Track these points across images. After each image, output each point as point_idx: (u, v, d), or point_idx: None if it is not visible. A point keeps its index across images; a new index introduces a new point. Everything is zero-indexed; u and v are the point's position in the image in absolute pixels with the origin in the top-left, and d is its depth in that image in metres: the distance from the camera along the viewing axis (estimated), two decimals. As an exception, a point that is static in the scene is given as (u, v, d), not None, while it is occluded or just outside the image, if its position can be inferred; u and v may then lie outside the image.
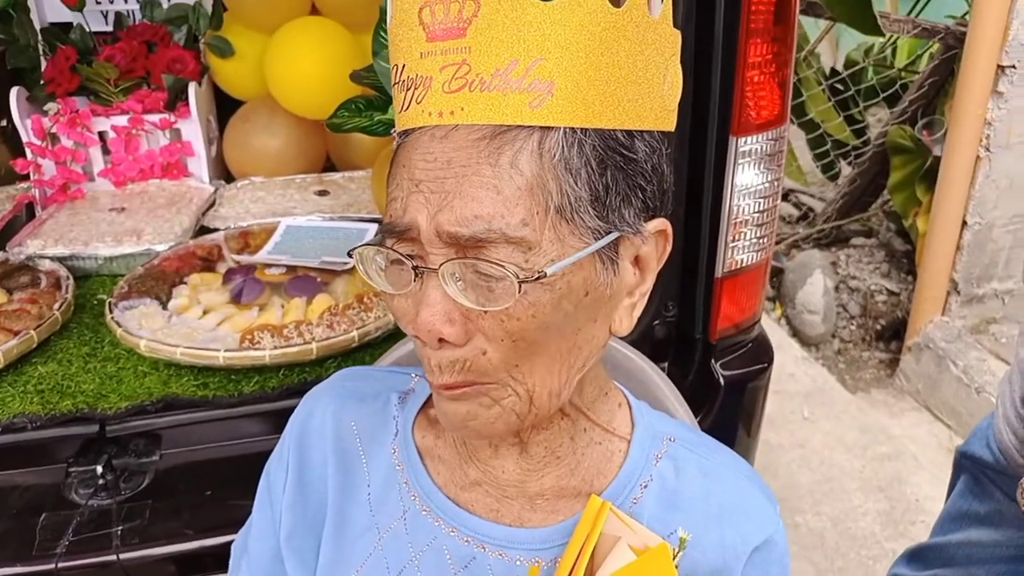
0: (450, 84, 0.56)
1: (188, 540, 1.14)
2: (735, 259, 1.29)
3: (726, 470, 0.74)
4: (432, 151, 0.57)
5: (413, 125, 0.59)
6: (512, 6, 0.55)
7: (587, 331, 0.63)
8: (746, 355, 1.40)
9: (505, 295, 0.56)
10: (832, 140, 3.67)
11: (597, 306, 0.62)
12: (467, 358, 0.60)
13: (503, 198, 0.55)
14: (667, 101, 0.62)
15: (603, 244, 0.59)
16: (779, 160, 1.26)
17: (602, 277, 0.61)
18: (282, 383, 1.29)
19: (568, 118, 0.56)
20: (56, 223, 1.74)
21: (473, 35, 0.56)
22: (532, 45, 0.55)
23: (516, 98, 0.55)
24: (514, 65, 0.55)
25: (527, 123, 0.56)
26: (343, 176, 2.04)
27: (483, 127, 0.56)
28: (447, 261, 0.57)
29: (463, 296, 0.57)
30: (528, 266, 0.56)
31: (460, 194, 0.56)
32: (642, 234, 0.62)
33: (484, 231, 0.55)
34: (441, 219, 0.56)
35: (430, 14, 0.57)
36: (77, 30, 1.97)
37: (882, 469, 2.49)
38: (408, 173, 0.59)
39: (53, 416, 1.22)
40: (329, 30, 1.87)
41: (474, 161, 0.56)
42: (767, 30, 1.16)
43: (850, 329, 3.27)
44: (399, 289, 0.61)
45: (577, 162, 0.57)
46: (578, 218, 0.57)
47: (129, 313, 1.39)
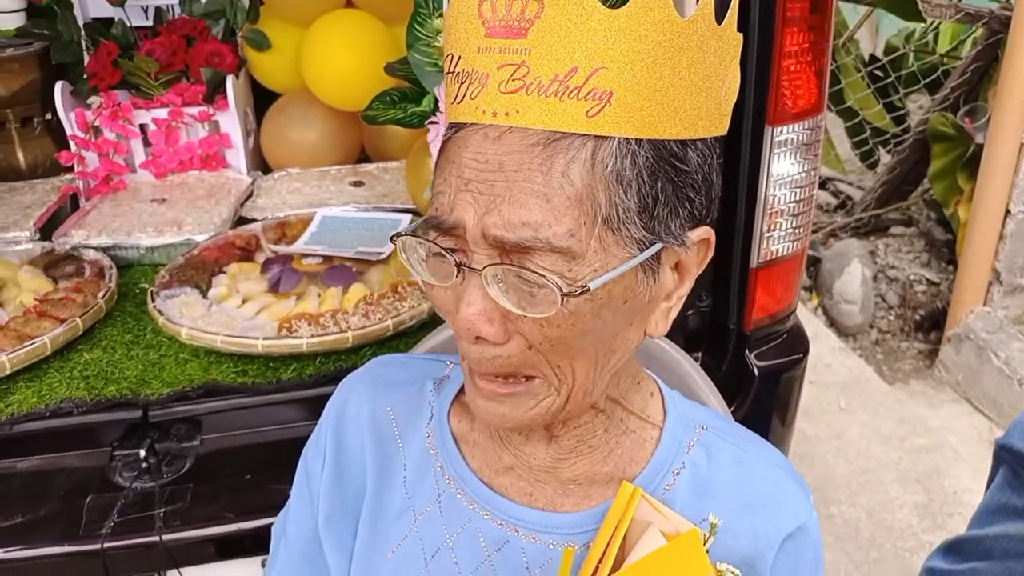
0: (507, 84, 0.56)
1: (228, 522, 1.17)
2: (770, 249, 1.28)
3: (759, 458, 0.74)
4: (484, 151, 0.57)
5: (466, 120, 0.59)
6: (578, 10, 0.54)
7: (623, 335, 0.63)
8: (781, 346, 1.39)
9: (547, 303, 0.57)
10: (871, 128, 3.61)
11: (634, 312, 0.62)
12: (507, 355, 0.61)
13: (552, 207, 0.55)
14: (723, 106, 0.62)
15: (647, 256, 0.59)
16: (816, 150, 1.25)
17: (642, 285, 0.61)
18: (319, 370, 1.31)
19: (624, 128, 0.56)
20: (99, 214, 1.78)
21: (535, 37, 0.55)
22: (594, 53, 0.54)
23: (573, 106, 0.55)
24: (574, 72, 0.54)
25: (582, 131, 0.55)
26: (377, 167, 2.05)
27: (537, 132, 0.55)
28: (491, 264, 0.57)
29: (504, 298, 0.58)
30: (571, 275, 0.56)
31: (509, 199, 0.56)
32: (685, 244, 0.61)
33: (530, 238, 0.55)
34: (488, 221, 0.56)
35: (491, 8, 0.56)
36: (118, 25, 2.01)
37: (920, 461, 2.46)
38: (458, 170, 0.58)
39: (98, 401, 1.26)
40: (364, 22, 1.88)
41: (526, 167, 0.55)
42: (804, 19, 1.15)
43: (888, 319, 3.22)
44: (441, 281, 0.62)
45: (629, 174, 0.56)
46: (624, 229, 0.57)
47: (170, 302, 1.42)
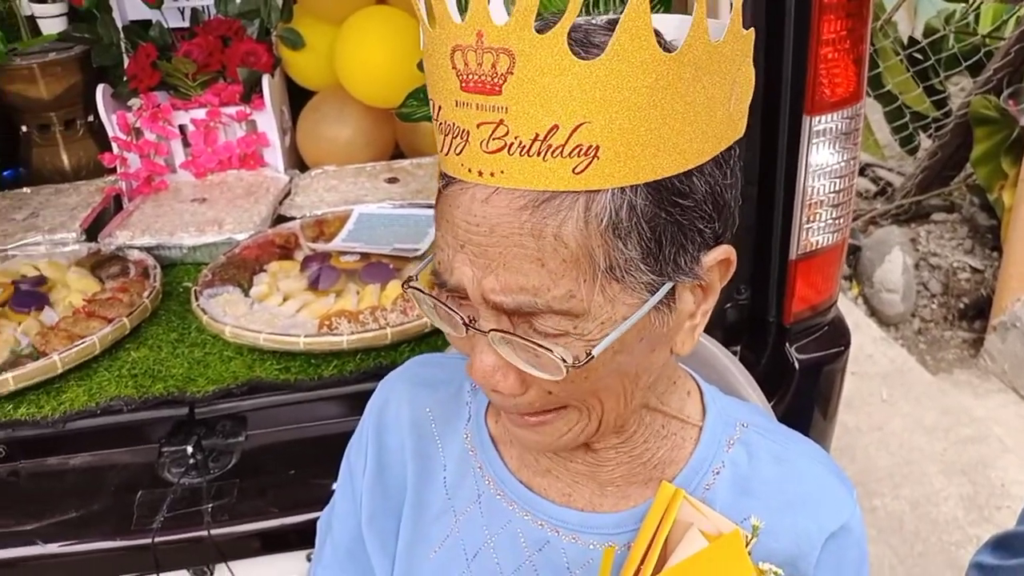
0: (488, 144, 0.53)
1: (274, 517, 1.19)
2: (810, 241, 1.27)
3: (800, 456, 0.74)
4: (475, 213, 0.55)
5: (454, 175, 0.56)
6: (551, 66, 0.50)
7: (645, 363, 0.62)
8: (822, 338, 1.37)
9: (553, 368, 0.56)
10: (911, 112, 3.54)
11: (654, 342, 0.61)
12: (529, 401, 0.61)
13: (547, 271, 0.54)
14: (734, 115, 0.58)
15: (656, 300, 0.57)
16: (855, 139, 1.23)
17: (656, 322, 0.59)
18: (359, 367, 1.33)
19: (616, 179, 0.53)
20: (142, 214, 1.82)
21: (509, 94, 0.51)
22: (575, 109, 0.51)
23: (559, 164, 0.52)
24: (555, 131, 0.51)
25: (571, 189, 0.52)
26: (411, 163, 2.07)
27: (525, 193, 0.53)
28: (495, 330, 0.57)
29: (514, 357, 0.57)
30: (577, 331, 0.56)
31: (504, 265, 0.54)
32: (699, 273, 0.59)
33: (530, 303, 0.55)
34: (486, 286, 0.55)
35: (463, 60, 0.52)
36: (156, 27, 2.04)
37: (965, 452, 2.42)
38: (452, 231, 0.57)
39: (146, 399, 1.29)
40: (396, 19, 1.89)
41: (517, 232, 0.53)
42: (841, 5, 1.13)
43: (931, 308, 3.16)
44: (452, 330, 0.61)
45: (627, 224, 0.54)
46: (629, 277, 0.55)
47: (213, 300, 1.45)
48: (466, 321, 0.58)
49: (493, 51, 0.51)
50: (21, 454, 1.28)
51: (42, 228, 1.77)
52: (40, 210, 1.87)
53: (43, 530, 1.17)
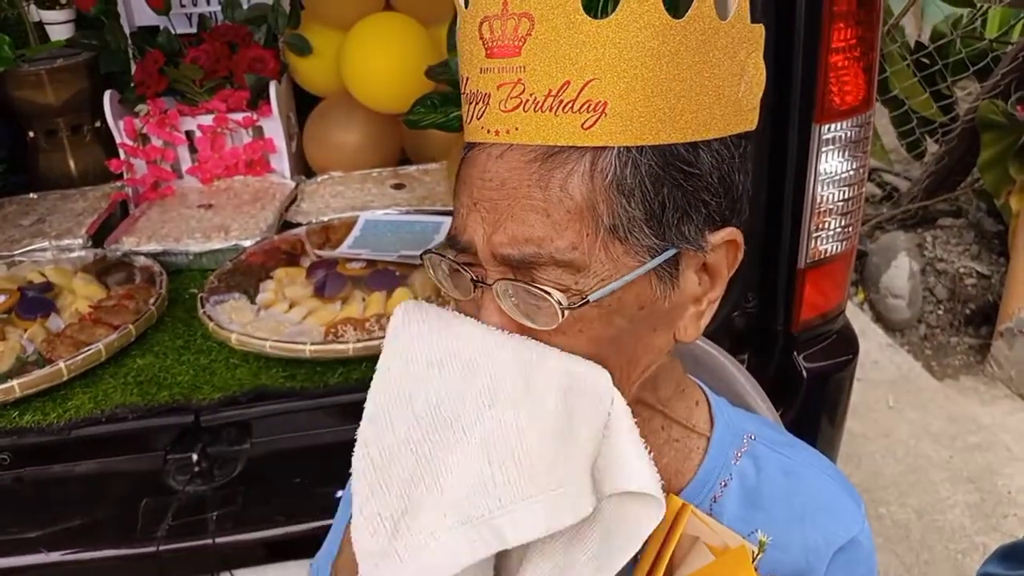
0: (506, 103, 0.56)
1: (280, 525, 1.19)
2: (818, 249, 1.26)
3: (809, 469, 0.73)
4: (488, 170, 0.58)
5: (474, 139, 0.60)
6: (566, 24, 0.54)
7: (646, 341, 0.62)
8: (830, 347, 1.37)
9: (550, 316, 0.57)
10: (917, 117, 3.52)
11: (655, 318, 0.61)
12: None
13: (552, 222, 0.55)
14: (743, 102, 0.60)
15: (657, 263, 0.58)
16: (864, 147, 1.23)
17: (658, 291, 0.60)
18: (365, 375, 1.32)
19: (622, 137, 0.55)
20: (148, 220, 1.82)
21: (527, 54, 0.55)
22: (585, 65, 0.54)
23: (568, 119, 0.55)
24: (567, 86, 0.54)
25: (579, 144, 0.55)
26: (418, 169, 2.07)
27: (535, 148, 0.56)
28: (500, 279, 0.58)
29: (516, 311, 0.59)
30: (578, 287, 0.57)
31: (512, 216, 0.56)
32: (705, 248, 0.60)
33: (534, 254, 0.56)
34: (495, 240, 0.57)
35: (488, 29, 0.57)
36: (164, 33, 2.05)
37: (972, 460, 2.40)
38: (468, 190, 0.60)
39: (152, 407, 1.28)
40: (403, 25, 1.89)
41: (525, 184, 0.56)
42: (851, 13, 1.13)
43: (937, 314, 3.15)
44: (463, 295, 0.63)
45: (631, 182, 0.56)
46: (632, 237, 0.57)
47: (220, 307, 1.44)
48: (474, 278, 0.60)
49: (516, 16, 0.55)
50: (26, 461, 1.28)
51: (48, 234, 1.77)
52: (47, 216, 1.87)
53: (47, 538, 1.18)
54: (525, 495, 0.55)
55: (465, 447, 0.55)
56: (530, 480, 0.55)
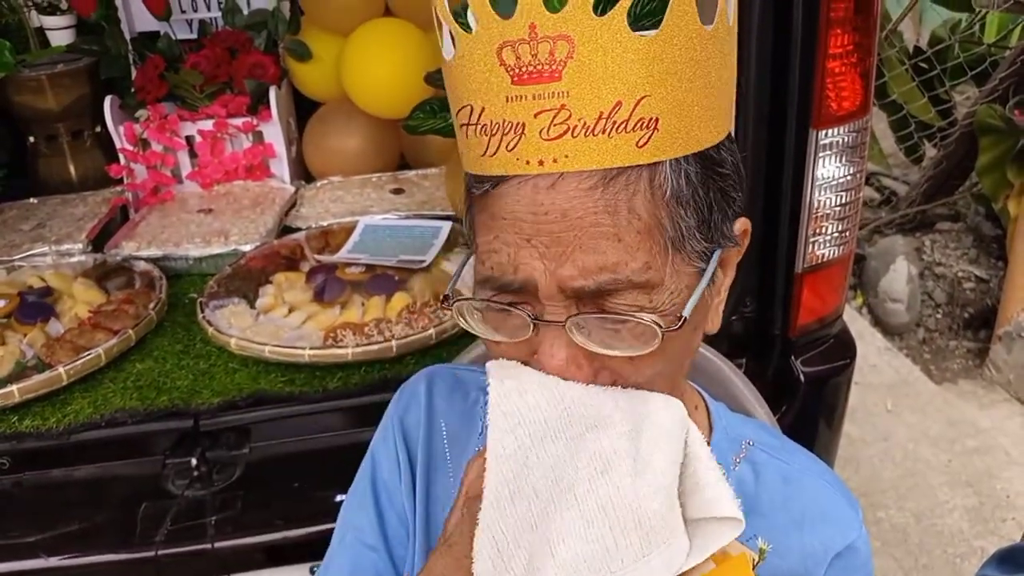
0: (549, 131, 0.54)
1: (278, 530, 1.19)
2: (816, 254, 1.27)
3: (807, 475, 0.74)
4: (540, 202, 0.55)
5: (506, 172, 0.56)
6: (612, 44, 0.52)
7: (694, 342, 0.64)
8: (827, 351, 1.37)
9: (640, 340, 0.57)
10: (916, 121, 3.53)
11: (702, 318, 0.63)
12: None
13: (624, 245, 0.55)
14: (733, 98, 0.62)
15: (714, 266, 0.59)
16: (862, 152, 1.23)
17: (707, 294, 0.61)
18: (364, 379, 1.33)
19: (673, 150, 0.55)
20: (148, 225, 1.82)
21: (570, 78, 0.52)
22: (636, 84, 0.53)
23: (623, 139, 0.53)
24: (619, 107, 0.53)
25: (636, 163, 0.54)
26: (417, 174, 2.07)
27: (593, 173, 0.54)
28: (573, 315, 0.56)
29: (592, 344, 0.57)
30: (652, 305, 0.56)
31: (581, 247, 0.55)
32: (735, 241, 0.62)
33: (611, 281, 0.55)
34: (563, 274, 0.55)
35: (513, 55, 0.53)
36: (164, 39, 2.05)
37: (970, 463, 2.41)
38: (514, 227, 0.56)
39: (151, 411, 1.29)
40: (402, 31, 1.90)
41: (591, 212, 0.54)
42: (848, 19, 1.13)
43: (936, 318, 3.15)
44: (510, 336, 0.60)
45: (686, 192, 0.56)
46: (688, 246, 0.57)
47: (219, 312, 1.45)
48: (533, 318, 0.58)
49: (550, 39, 0.52)
50: (26, 466, 1.28)
51: (49, 239, 1.77)
52: (47, 221, 1.88)
53: (46, 542, 1.17)
54: (644, 553, 0.55)
55: (583, 513, 0.55)
56: (648, 539, 0.55)
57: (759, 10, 1.14)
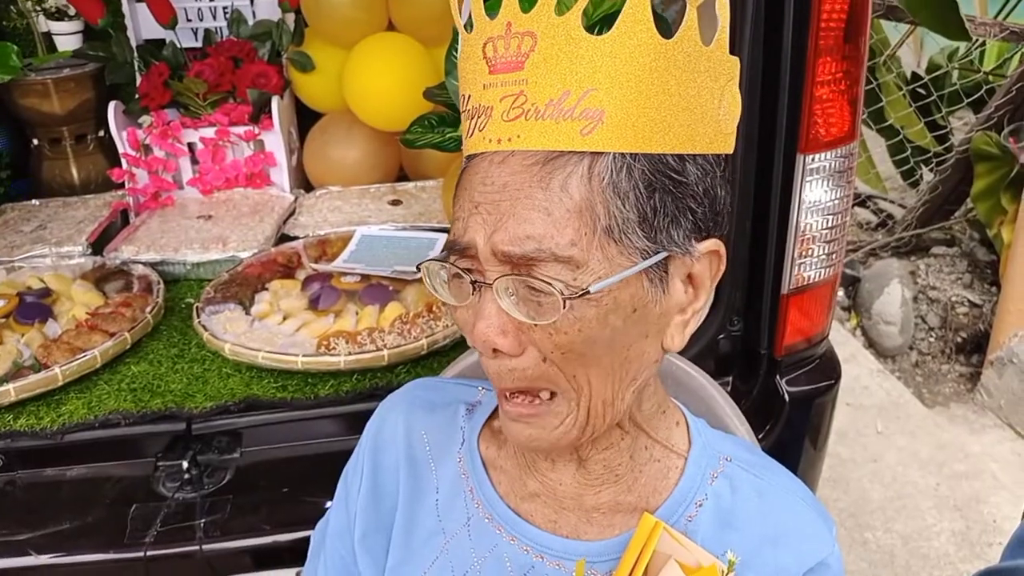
0: (508, 113, 0.60)
1: (266, 534, 1.20)
2: (802, 275, 1.29)
3: (782, 491, 0.75)
4: (491, 175, 0.61)
5: (476, 150, 0.63)
6: (567, 40, 0.58)
7: (638, 346, 0.65)
8: (813, 371, 1.38)
9: (552, 310, 0.60)
10: (912, 146, 3.56)
11: (646, 322, 0.64)
12: (523, 367, 0.63)
13: (553, 219, 0.59)
14: (723, 125, 0.64)
15: (650, 263, 0.61)
16: (849, 177, 1.25)
17: (650, 295, 0.63)
18: (355, 387, 1.34)
19: (617, 144, 0.59)
20: (148, 229, 1.84)
21: (530, 68, 0.59)
22: (584, 77, 0.58)
23: (568, 126, 0.58)
24: (567, 95, 0.58)
25: (578, 149, 0.59)
26: (415, 186, 2.10)
27: (537, 153, 0.59)
28: (500, 276, 0.61)
29: (515, 309, 0.61)
30: (576, 283, 0.59)
31: (513, 215, 0.59)
32: (692, 254, 0.64)
33: (535, 250, 0.59)
34: (496, 239, 0.60)
35: (492, 49, 0.61)
36: (169, 47, 2.08)
37: (959, 487, 2.42)
38: (469, 195, 0.63)
39: (144, 414, 1.30)
40: (404, 45, 1.93)
41: (527, 185, 0.59)
42: (837, 48, 1.16)
43: (929, 341, 3.17)
44: (460, 301, 0.65)
45: (625, 185, 0.59)
46: (626, 239, 0.60)
47: (215, 317, 1.47)
48: (473, 281, 0.63)
49: (519, 35, 0.59)
50: (19, 464, 1.29)
51: (49, 240, 1.79)
52: (48, 222, 1.90)
53: (36, 540, 1.19)
54: None
55: None
56: None
57: (750, 36, 1.17)
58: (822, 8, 1.14)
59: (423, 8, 1.93)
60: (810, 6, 1.14)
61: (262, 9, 2.15)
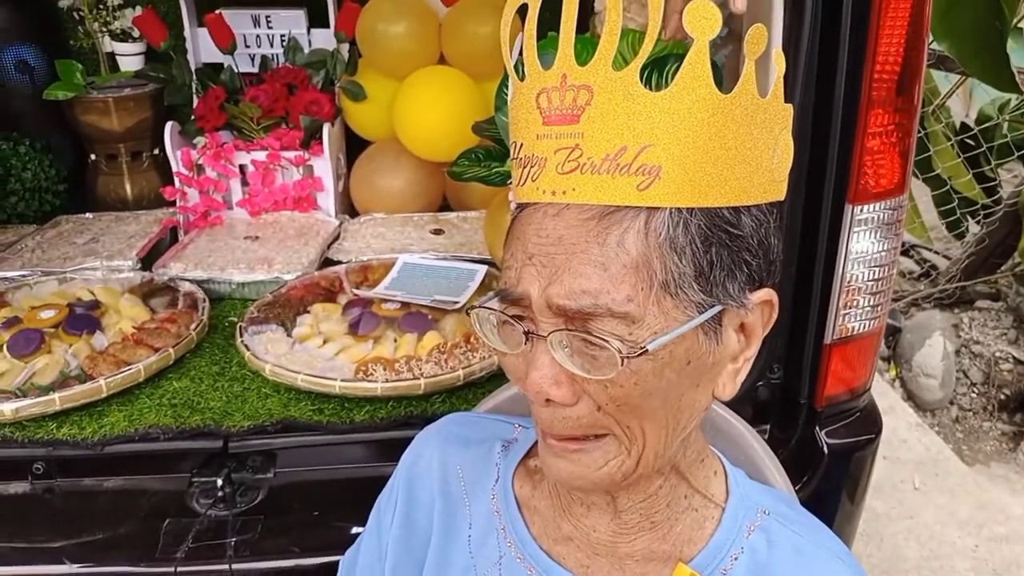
0: (563, 166, 0.60)
1: (295, 557, 1.20)
2: (846, 326, 1.27)
3: (820, 550, 0.73)
4: (545, 227, 0.61)
5: (528, 200, 0.63)
6: (624, 96, 0.58)
7: (689, 396, 0.65)
8: (853, 424, 1.36)
9: (608, 365, 0.59)
10: (960, 197, 3.51)
11: (699, 373, 0.64)
12: (577, 416, 0.63)
13: (609, 275, 0.58)
14: (776, 173, 0.64)
15: (705, 318, 0.61)
16: (897, 229, 1.24)
17: (704, 347, 0.62)
18: (391, 414, 1.35)
19: (674, 199, 0.59)
20: (196, 247, 1.88)
21: (586, 122, 0.59)
22: (641, 132, 0.58)
23: (625, 181, 0.58)
24: (624, 151, 0.58)
25: (634, 204, 0.59)
26: (457, 216, 2.12)
27: (593, 207, 0.59)
28: (555, 331, 0.61)
29: (569, 362, 0.61)
30: (632, 338, 0.59)
31: (569, 270, 0.59)
32: (746, 305, 0.63)
33: (591, 305, 0.59)
34: (551, 292, 0.60)
35: (547, 100, 0.61)
36: (227, 71, 2.14)
37: (999, 551, 2.34)
38: (522, 246, 0.63)
39: (183, 429, 1.32)
40: (454, 79, 1.96)
41: (583, 239, 0.59)
42: (890, 100, 1.15)
43: (970, 397, 3.10)
44: (511, 349, 0.65)
45: (682, 240, 0.59)
46: (682, 293, 0.60)
47: (257, 338, 1.49)
48: (526, 331, 0.63)
49: (575, 88, 0.59)
50: (59, 472, 1.31)
51: (100, 254, 1.84)
52: (100, 236, 1.95)
53: (71, 549, 1.20)
54: None
55: None
56: None
57: (802, 85, 1.17)
58: (876, 59, 1.13)
59: (474, 44, 1.97)
60: (864, 57, 1.14)
61: (318, 38, 2.20)
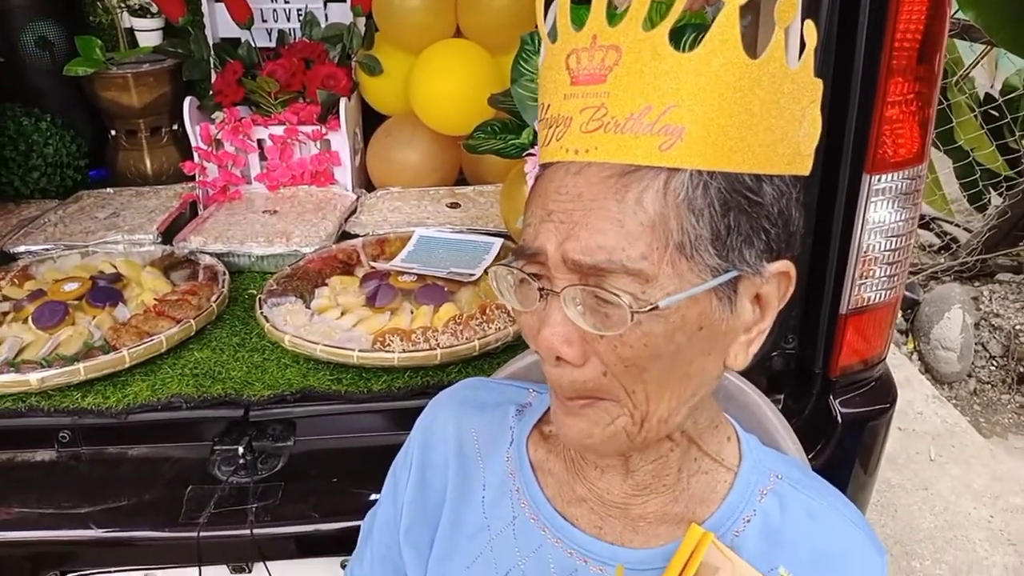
0: (587, 125, 0.60)
1: (314, 522, 1.23)
2: (862, 296, 1.27)
3: (834, 513, 0.74)
4: (565, 184, 0.61)
5: (552, 159, 0.63)
6: (652, 56, 0.58)
7: (699, 363, 0.65)
8: (867, 394, 1.36)
9: (619, 322, 0.60)
10: (982, 169, 3.47)
11: (711, 340, 0.64)
12: (584, 379, 0.64)
13: (625, 232, 0.59)
14: (802, 147, 0.63)
15: (720, 282, 0.61)
16: (915, 199, 1.23)
17: (718, 313, 0.63)
18: (407, 384, 1.37)
19: (696, 161, 0.59)
20: (216, 221, 1.90)
21: (612, 81, 0.59)
22: (667, 92, 0.58)
23: (647, 140, 0.58)
24: (648, 110, 0.58)
25: (655, 164, 0.59)
26: (473, 190, 2.12)
27: (614, 166, 0.59)
28: (569, 286, 0.61)
29: (581, 319, 0.61)
30: (644, 297, 0.59)
31: (586, 225, 0.60)
32: (762, 275, 0.63)
33: (605, 261, 0.59)
34: (567, 247, 0.60)
35: (576, 60, 0.61)
36: (244, 46, 2.15)
37: (1014, 521, 2.34)
38: (542, 203, 0.63)
39: (204, 398, 1.34)
40: (470, 52, 1.95)
41: (602, 196, 0.59)
42: (910, 68, 1.14)
43: (989, 369, 3.08)
44: (526, 306, 0.66)
45: (701, 203, 0.59)
46: (697, 255, 0.60)
47: (276, 309, 1.51)
48: (541, 288, 0.64)
49: (604, 48, 0.60)
50: (84, 441, 1.34)
51: (122, 228, 1.86)
52: (121, 211, 1.97)
53: (96, 515, 1.23)
54: None
55: None
56: None
57: (821, 54, 1.16)
58: (896, 27, 1.12)
59: (490, 16, 1.96)
60: (884, 25, 1.12)
61: (335, 12, 2.20)
